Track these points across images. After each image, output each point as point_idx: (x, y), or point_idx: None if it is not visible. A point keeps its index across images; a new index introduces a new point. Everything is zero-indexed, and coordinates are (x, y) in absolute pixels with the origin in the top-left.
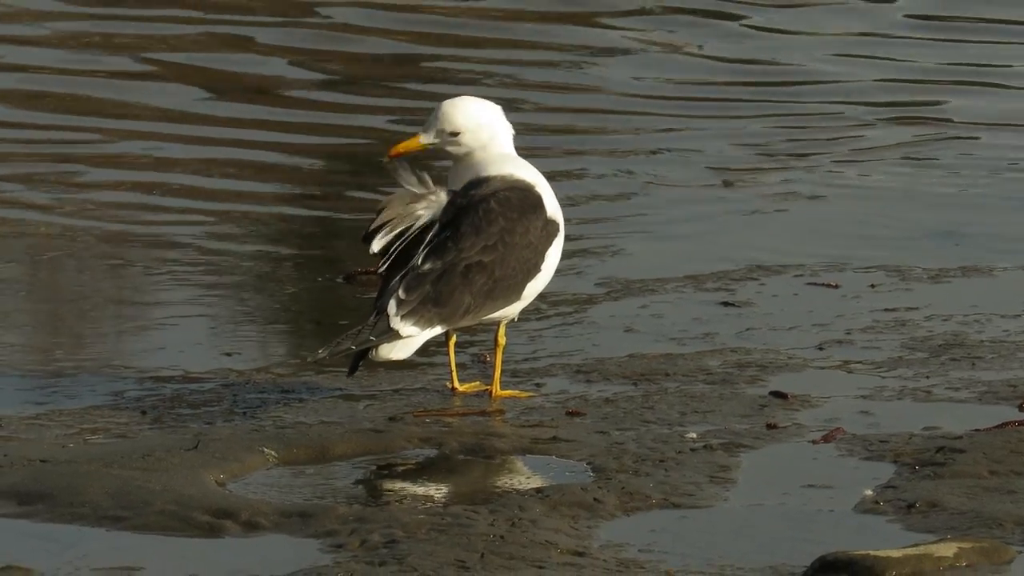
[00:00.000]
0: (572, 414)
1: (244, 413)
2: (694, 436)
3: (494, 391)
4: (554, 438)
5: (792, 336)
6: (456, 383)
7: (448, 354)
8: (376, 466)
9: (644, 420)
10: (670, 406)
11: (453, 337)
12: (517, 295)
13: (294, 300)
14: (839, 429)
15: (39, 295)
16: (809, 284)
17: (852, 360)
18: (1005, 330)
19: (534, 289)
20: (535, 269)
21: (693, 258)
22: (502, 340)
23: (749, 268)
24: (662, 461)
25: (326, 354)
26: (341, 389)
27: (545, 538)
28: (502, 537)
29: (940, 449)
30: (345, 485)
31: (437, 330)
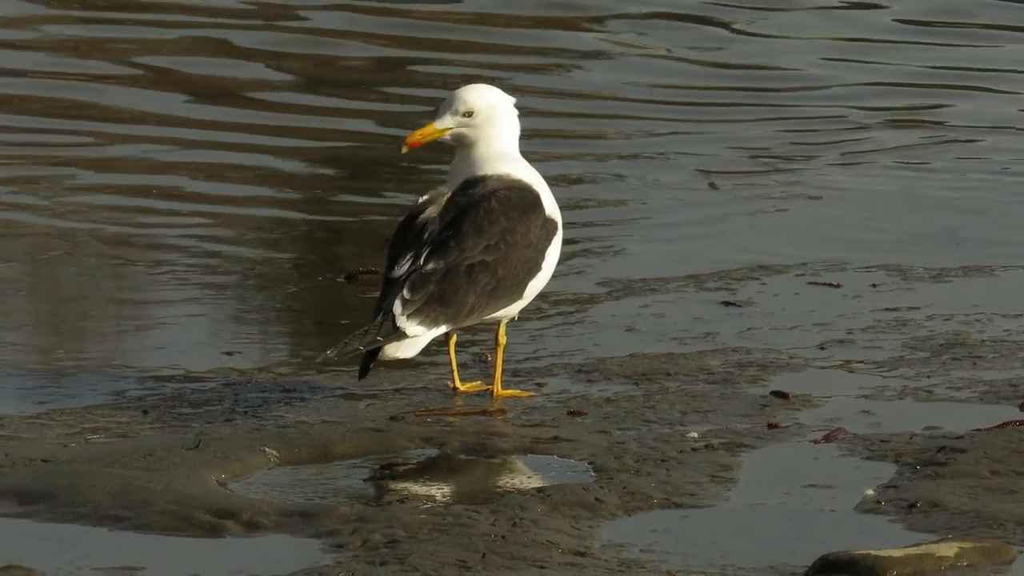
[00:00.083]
0: (573, 414)
1: (245, 412)
2: (695, 436)
3: (495, 390)
4: (555, 438)
5: (793, 336)
6: (457, 382)
7: (449, 353)
8: (378, 466)
9: (645, 420)
10: (671, 406)
11: (454, 336)
12: (519, 294)
13: (295, 299)
14: (840, 429)
15: (40, 294)
16: (810, 284)
17: (853, 360)
18: (1006, 330)
19: (535, 288)
20: (536, 268)
21: (694, 258)
22: (502, 339)
23: (750, 268)
24: (663, 461)
25: (334, 355)
26: (342, 388)
27: (547, 538)
28: (503, 537)
29: (941, 449)
30: (346, 485)
31: (443, 329)
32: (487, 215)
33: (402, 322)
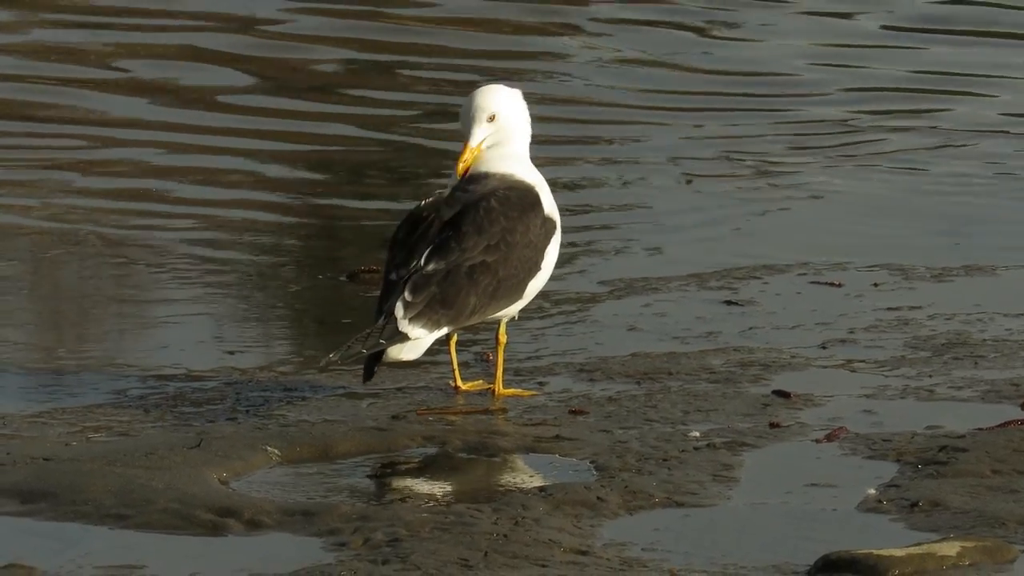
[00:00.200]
0: (575, 413)
1: (247, 411)
2: (697, 435)
3: (497, 389)
4: (557, 437)
5: (795, 335)
6: (459, 381)
7: (450, 352)
8: (379, 464)
9: (647, 419)
10: (673, 405)
11: (454, 336)
12: (519, 294)
13: (297, 299)
14: (842, 428)
15: (41, 293)
16: (812, 283)
17: (855, 359)
18: (1008, 329)
19: (535, 287)
20: (536, 268)
21: (696, 257)
22: (503, 338)
23: (752, 267)
24: (665, 460)
25: (337, 358)
26: (344, 387)
27: (548, 537)
28: (505, 536)
29: (943, 448)
30: (348, 483)
31: (445, 331)
32: (487, 214)
33: (404, 325)
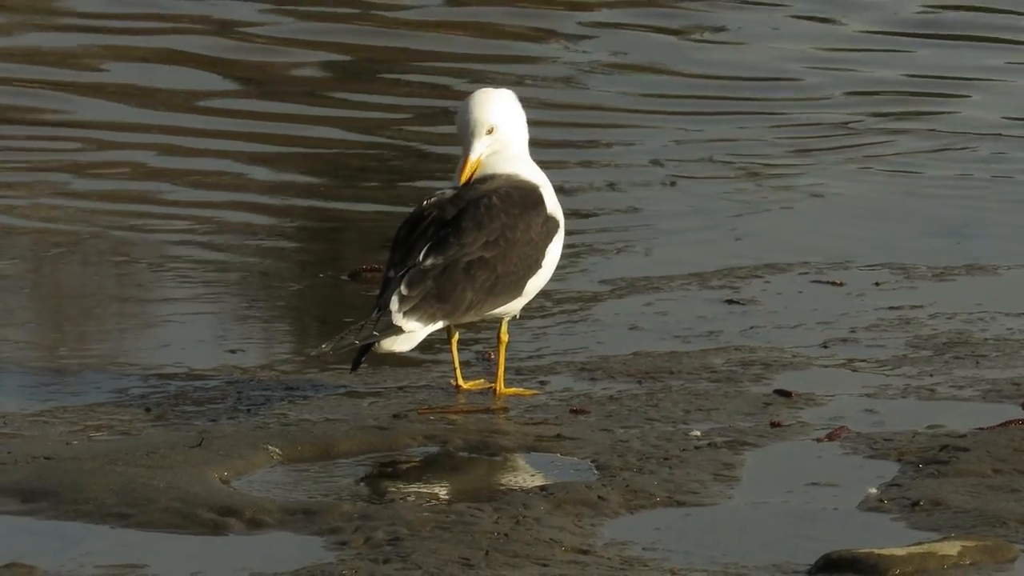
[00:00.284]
0: (576, 412)
1: (248, 410)
2: (698, 434)
3: (498, 388)
4: (558, 436)
5: (796, 334)
6: (460, 380)
7: (451, 351)
8: (380, 463)
9: (648, 418)
10: (674, 404)
11: (455, 334)
12: (518, 291)
13: (298, 297)
14: (843, 427)
15: (43, 292)
16: (813, 282)
17: (856, 358)
18: (1009, 328)
19: (535, 286)
20: (536, 265)
21: (698, 256)
22: (504, 337)
23: (754, 266)
24: (666, 459)
25: (329, 348)
26: (345, 386)
27: (549, 536)
28: (506, 535)
29: (944, 447)
30: (349, 482)
31: (439, 325)
32: (487, 211)
33: (398, 318)
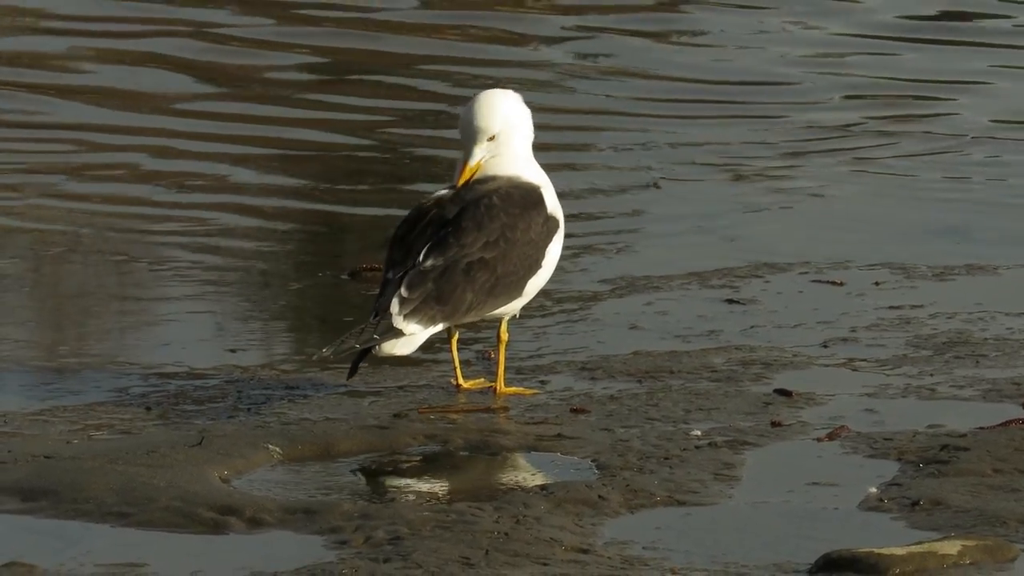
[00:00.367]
0: (577, 411)
1: (248, 409)
2: (698, 433)
3: (498, 388)
4: (559, 435)
5: (797, 334)
6: (460, 379)
7: (451, 351)
8: (381, 463)
9: (649, 417)
10: (675, 403)
11: (455, 334)
12: (519, 292)
13: (299, 296)
14: (844, 427)
15: (43, 291)
16: (814, 282)
17: (857, 358)
18: (1009, 328)
19: (535, 285)
20: (536, 266)
21: (698, 255)
22: (504, 336)
23: (754, 265)
24: (667, 458)
25: (330, 352)
26: (346, 386)
27: (550, 535)
28: (506, 534)
29: (944, 447)
30: (350, 482)
31: (440, 327)
32: (487, 211)
33: (399, 321)
